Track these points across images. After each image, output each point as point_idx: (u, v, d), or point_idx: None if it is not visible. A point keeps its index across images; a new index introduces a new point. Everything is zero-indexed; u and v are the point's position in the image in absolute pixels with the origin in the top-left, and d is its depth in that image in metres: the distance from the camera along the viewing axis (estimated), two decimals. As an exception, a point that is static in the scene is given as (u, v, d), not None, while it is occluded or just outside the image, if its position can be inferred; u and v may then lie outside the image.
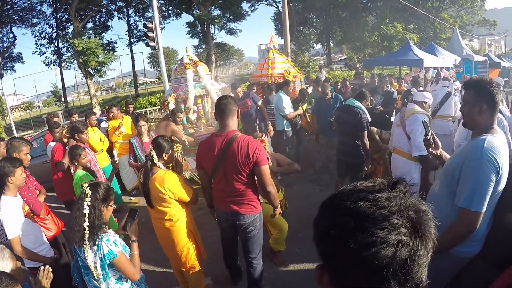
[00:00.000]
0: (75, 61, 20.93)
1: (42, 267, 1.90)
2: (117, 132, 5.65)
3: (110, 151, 5.65)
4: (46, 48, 24.18)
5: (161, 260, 3.49)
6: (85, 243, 1.90)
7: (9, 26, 22.57)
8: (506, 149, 1.73)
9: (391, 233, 0.59)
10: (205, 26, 24.88)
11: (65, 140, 4.32)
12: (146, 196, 2.63)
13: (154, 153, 2.64)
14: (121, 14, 25.80)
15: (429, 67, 13.54)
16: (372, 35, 28.07)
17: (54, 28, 23.59)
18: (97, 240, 1.92)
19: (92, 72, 20.65)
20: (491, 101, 1.74)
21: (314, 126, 6.49)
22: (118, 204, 5.09)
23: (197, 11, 23.81)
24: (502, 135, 1.78)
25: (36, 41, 23.75)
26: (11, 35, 23.01)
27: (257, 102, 6.04)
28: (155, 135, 3.62)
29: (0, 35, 22.77)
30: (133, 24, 26.66)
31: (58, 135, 4.51)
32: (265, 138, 3.34)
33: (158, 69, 29.64)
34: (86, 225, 1.91)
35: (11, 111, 19.88)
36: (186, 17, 26.35)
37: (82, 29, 20.48)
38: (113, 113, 5.73)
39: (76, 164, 3.50)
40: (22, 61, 24.35)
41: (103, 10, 24.25)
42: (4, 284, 1.42)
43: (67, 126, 4.71)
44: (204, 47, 26.39)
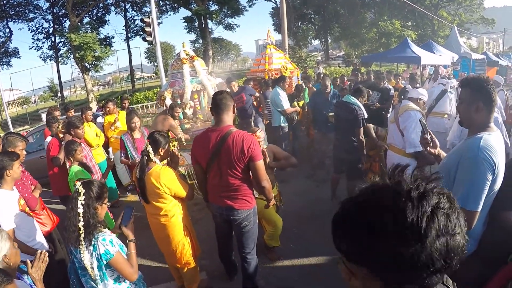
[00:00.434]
0: (72, 56, 20.88)
1: (39, 251, 1.88)
2: (113, 127, 5.64)
3: (106, 146, 5.65)
4: (43, 43, 24.16)
5: (157, 255, 3.49)
6: (81, 244, 1.85)
7: (6, 21, 22.36)
8: (503, 148, 1.72)
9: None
10: (203, 21, 24.76)
11: (61, 135, 4.31)
12: (142, 192, 2.61)
13: (150, 148, 2.61)
14: (118, 9, 25.61)
15: (427, 65, 13.55)
16: (370, 32, 28.13)
17: (51, 23, 23.42)
18: (93, 240, 1.87)
19: (89, 67, 20.59)
20: (488, 100, 1.72)
21: (308, 117, 6.43)
22: (114, 199, 5.09)
23: (195, 6, 23.71)
24: (499, 134, 1.77)
25: (33, 36, 23.65)
26: (8, 30, 22.92)
27: (254, 94, 5.99)
28: (147, 132, 3.58)
29: (-3, 30, 22.61)
30: (130, 19, 26.48)
31: (55, 130, 4.49)
32: (261, 134, 3.32)
33: (155, 64, 29.44)
34: (81, 225, 1.86)
35: (7, 107, 19.78)
36: (184, 12, 26.06)
37: (79, 24, 20.39)
38: (109, 108, 5.72)
39: (72, 160, 3.49)
40: (19, 56, 24.25)
41: (100, 5, 24.03)
42: None
43: (63, 121, 4.69)
44: (202, 42, 26.25)
